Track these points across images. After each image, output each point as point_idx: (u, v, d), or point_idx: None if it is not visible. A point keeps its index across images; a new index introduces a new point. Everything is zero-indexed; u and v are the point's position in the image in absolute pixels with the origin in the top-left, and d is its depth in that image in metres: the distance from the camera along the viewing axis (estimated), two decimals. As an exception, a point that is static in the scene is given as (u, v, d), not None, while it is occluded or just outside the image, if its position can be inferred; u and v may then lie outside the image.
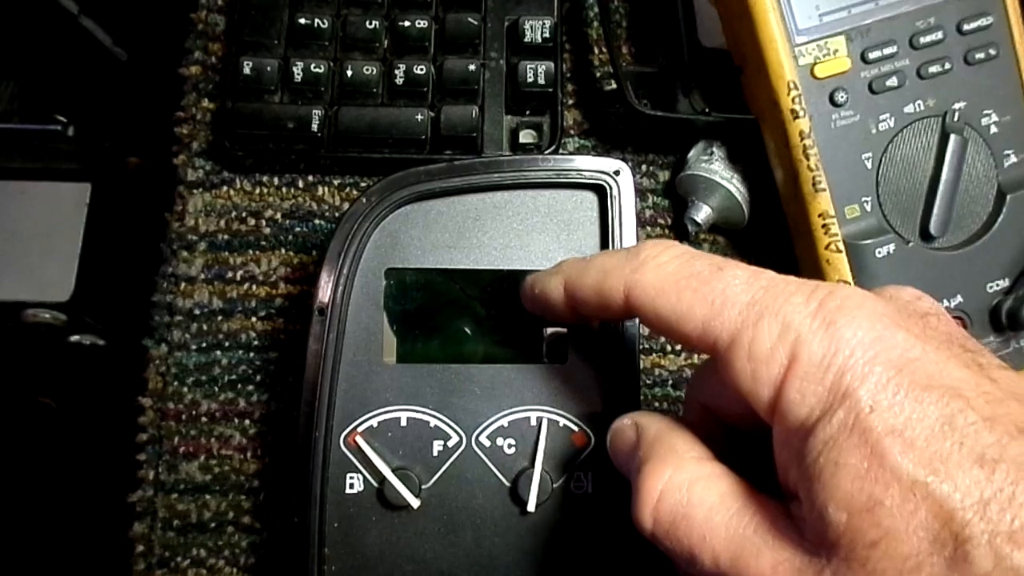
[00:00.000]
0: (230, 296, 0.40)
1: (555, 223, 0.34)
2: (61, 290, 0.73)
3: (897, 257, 0.36)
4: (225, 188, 0.42)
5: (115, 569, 0.40)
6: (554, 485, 0.32)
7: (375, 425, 0.32)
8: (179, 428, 0.39)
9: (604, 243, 0.34)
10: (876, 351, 0.21)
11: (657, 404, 0.40)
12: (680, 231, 0.42)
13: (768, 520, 0.23)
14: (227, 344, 0.40)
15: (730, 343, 0.23)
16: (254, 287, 0.40)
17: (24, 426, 0.99)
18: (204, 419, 0.39)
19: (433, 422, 0.32)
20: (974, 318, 0.36)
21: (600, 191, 0.34)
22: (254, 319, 0.40)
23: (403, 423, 0.32)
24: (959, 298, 0.36)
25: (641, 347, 0.40)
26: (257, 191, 0.42)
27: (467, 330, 0.34)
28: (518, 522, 0.32)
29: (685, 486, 0.24)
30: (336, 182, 0.42)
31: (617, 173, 0.34)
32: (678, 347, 0.41)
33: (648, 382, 0.40)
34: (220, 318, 0.40)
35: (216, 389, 0.39)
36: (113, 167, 0.79)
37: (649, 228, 0.42)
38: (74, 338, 0.83)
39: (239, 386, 0.39)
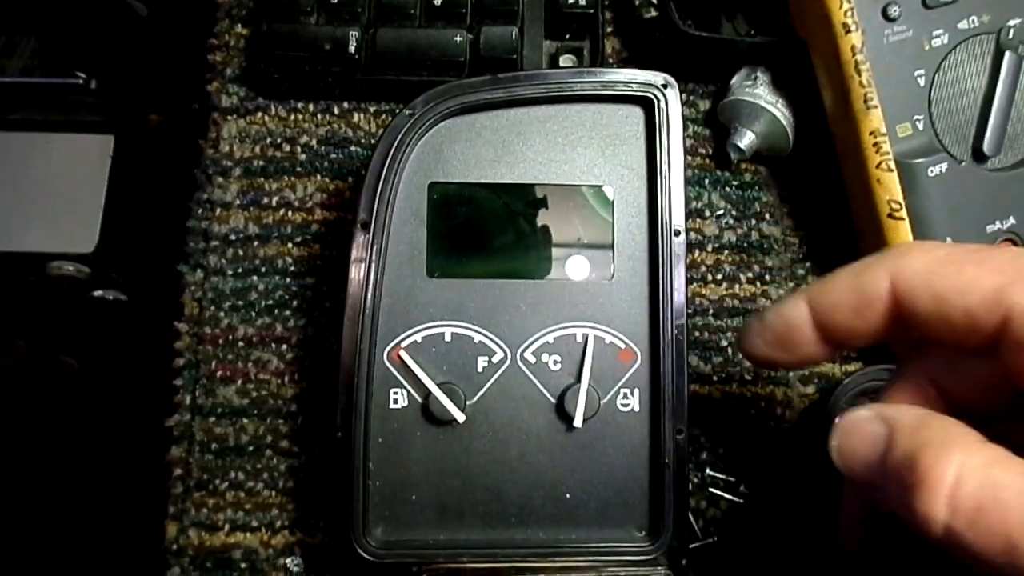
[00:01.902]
0: (266, 222, 0.40)
1: (600, 138, 0.33)
2: (85, 241, 0.73)
3: (949, 177, 0.35)
4: (260, 114, 0.41)
5: (152, 497, 0.39)
6: (601, 401, 0.32)
7: (419, 340, 0.32)
8: (216, 353, 0.38)
9: (651, 159, 0.33)
10: None
11: (698, 333, 0.39)
12: (721, 161, 0.41)
13: None
14: (263, 269, 0.39)
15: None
16: (290, 213, 0.40)
17: (46, 385, 1.00)
18: (241, 344, 0.38)
19: (477, 338, 0.32)
20: (1026, 240, 0.36)
21: (647, 105, 0.33)
22: (290, 244, 0.40)
23: (447, 339, 0.32)
24: (1012, 220, 0.35)
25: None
26: (292, 117, 0.41)
27: (511, 245, 0.33)
28: (564, 438, 0.32)
29: (983, 468, 0.21)
30: (372, 108, 0.41)
31: (665, 86, 0.33)
32: (719, 276, 0.40)
33: (689, 311, 0.40)
34: (256, 243, 0.39)
35: (253, 314, 0.39)
36: (136, 120, 0.78)
37: (690, 157, 0.42)
38: (97, 293, 0.83)
39: (276, 311, 0.39)
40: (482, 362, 0.32)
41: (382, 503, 0.31)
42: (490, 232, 0.33)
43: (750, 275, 0.40)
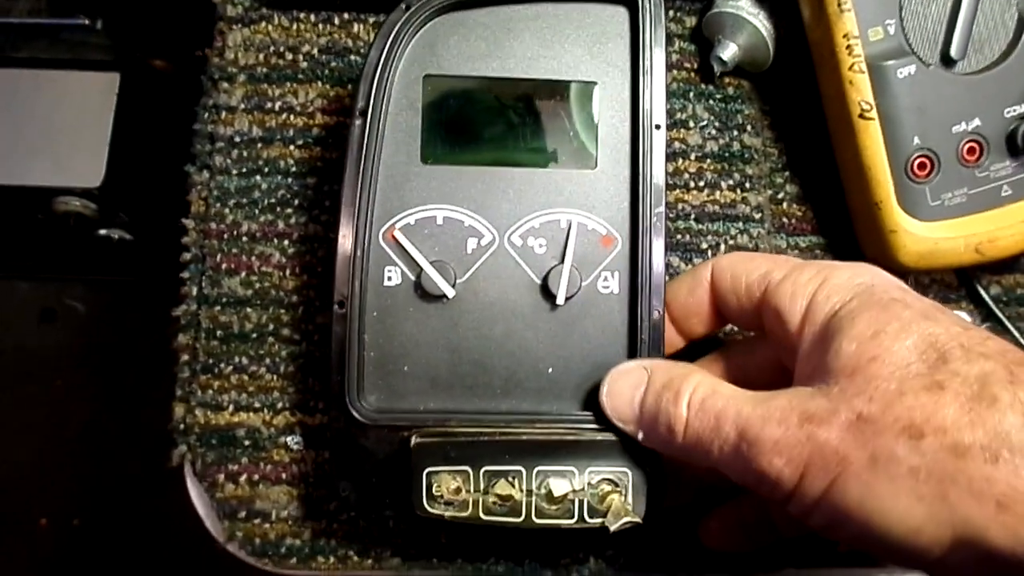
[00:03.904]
0: (269, 125, 0.42)
1: (588, 36, 0.35)
2: (92, 176, 0.75)
3: (918, 79, 0.37)
4: (263, 24, 0.43)
5: (160, 386, 0.42)
6: (583, 282, 0.34)
7: (412, 222, 0.34)
8: (221, 247, 0.40)
9: (635, 56, 0.35)
10: (885, 276, 0.30)
11: (680, 236, 0.41)
12: (706, 74, 0.43)
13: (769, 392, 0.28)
14: (267, 170, 0.41)
15: (782, 278, 0.31)
16: (292, 117, 0.42)
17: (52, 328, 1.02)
18: (245, 239, 0.40)
19: (467, 221, 0.34)
20: (991, 142, 0.38)
21: (631, 5, 0.35)
22: (292, 147, 0.41)
23: (439, 221, 0.34)
24: (977, 121, 0.37)
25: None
26: (294, 27, 0.43)
27: (501, 135, 0.35)
28: (547, 316, 0.34)
29: (710, 381, 0.30)
30: (371, 19, 0.43)
31: None
32: (701, 183, 0.42)
33: (672, 215, 0.42)
34: (260, 145, 0.41)
35: (256, 211, 0.41)
36: (141, 60, 0.80)
37: (676, 71, 0.44)
38: (103, 232, 0.85)
39: (278, 209, 0.41)
40: (471, 244, 0.34)
41: (376, 373, 0.33)
42: (481, 123, 0.35)
43: (731, 182, 0.42)
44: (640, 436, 0.31)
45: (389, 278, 0.34)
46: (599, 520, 0.31)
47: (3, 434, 1.00)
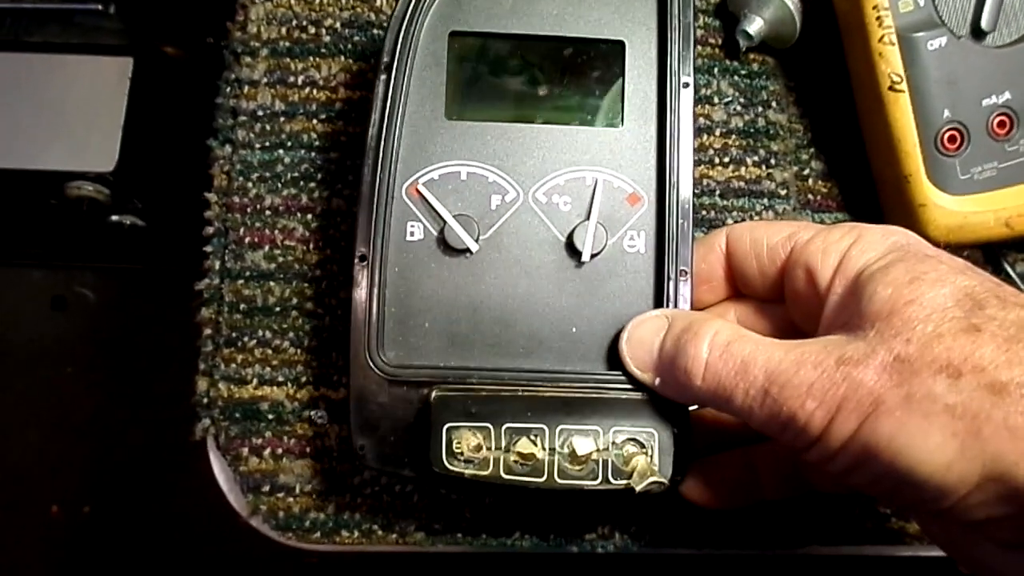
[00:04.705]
0: (292, 99, 0.41)
1: None
2: (105, 160, 0.75)
3: (948, 51, 0.37)
4: (286, -2, 0.43)
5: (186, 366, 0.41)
6: (608, 240, 0.33)
7: (436, 178, 0.34)
8: (244, 220, 0.40)
9: (662, 15, 0.34)
10: (918, 237, 0.30)
11: (705, 212, 0.41)
12: (731, 50, 0.43)
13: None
14: (289, 144, 0.41)
15: (811, 237, 0.31)
16: (315, 91, 0.42)
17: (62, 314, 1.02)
18: (268, 212, 0.40)
19: (492, 177, 0.34)
20: (1021, 116, 0.37)
21: None
22: (315, 121, 0.41)
23: (463, 177, 0.34)
24: (1007, 95, 0.37)
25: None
26: (317, 1, 0.43)
27: (526, 92, 0.35)
28: (572, 274, 0.33)
29: (733, 327, 0.29)
30: (394, -7, 0.43)
31: None
32: (726, 159, 0.42)
33: (697, 191, 0.41)
34: (282, 119, 0.41)
35: (279, 185, 0.41)
36: (154, 45, 0.80)
37: (701, 47, 0.43)
38: (115, 218, 0.85)
39: (301, 183, 0.41)
40: (495, 200, 0.34)
41: (396, 329, 0.33)
42: (507, 80, 0.35)
43: (756, 159, 0.42)
44: (657, 382, 0.31)
45: (412, 233, 0.33)
46: (624, 481, 0.31)
47: (14, 421, 1.00)
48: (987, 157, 0.37)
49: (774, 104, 0.43)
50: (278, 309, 0.39)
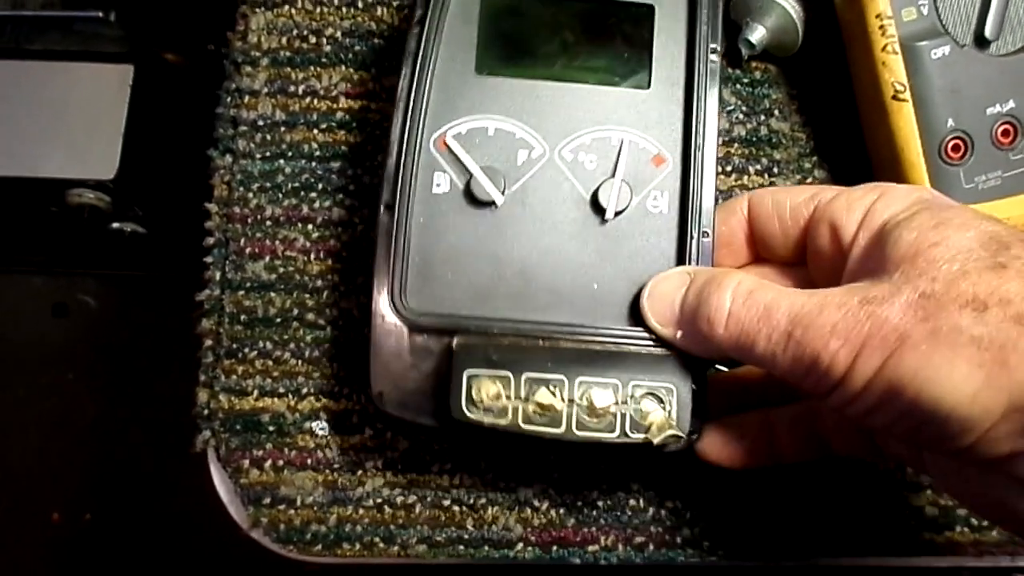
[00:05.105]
0: (292, 109, 0.41)
1: None
2: (106, 168, 0.75)
3: (952, 60, 0.36)
4: (286, 7, 0.42)
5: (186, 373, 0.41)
6: (633, 198, 0.33)
7: (463, 132, 0.34)
8: (245, 231, 0.40)
9: None
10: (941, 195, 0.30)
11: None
12: (733, 58, 0.43)
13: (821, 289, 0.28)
14: (290, 154, 0.41)
15: (834, 196, 0.31)
16: (315, 101, 0.41)
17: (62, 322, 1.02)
18: (269, 223, 0.40)
19: (519, 133, 0.34)
20: (1025, 124, 0.37)
21: None
22: (316, 131, 0.41)
23: (490, 132, 0.34)
24: (1011, 103, 0.37)
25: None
26: (318, 10, 0.42)
27: (556, 51, 0.35)
28: (596, 230, 0.33)
29: (753, 278, 0.29)
30: (395, 3, 0.43)
31: None
32: (729, 168, 0.42)
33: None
34: (283, 129, 0.41)
35: (280, 195, 0.40)
36: (155, 53, 0.80)
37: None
38: (115, 225, 0.85)
39: (302, 193, 0.40)
40: (522, 155, 0.34)
41: (419, 278, 0.33)
42: (537, 38, 0.35)
43: (759, 167, 0.42)
44: (679, 335, 0.31)
45: (438, 184, 0.33)
46: (641, 435, 0.30)
47: (15, 428, 1.00)
48: (991, 166, 0.37)
49: (777, 112, 0.43)
50: (279, 320, 0.39)
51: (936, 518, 0.38)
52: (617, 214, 0.33)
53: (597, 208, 0.33)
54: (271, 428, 0.38)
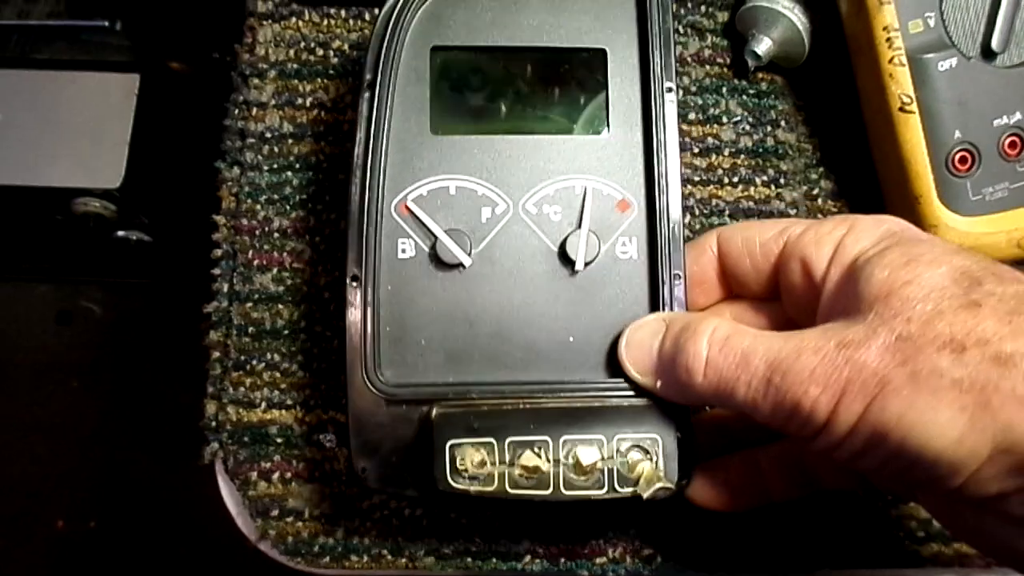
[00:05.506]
0: (300, 121, 0.41)
1: (594, 2, 0.34)
2: (112, 177, 0.75)
3: (958, 72, 0.36)
4: (294, 20, 0.43)
5: (192, 382, 0.41)
6: (601, 247, 0.33)
7: (425, 194, 0.33)
8: (252, 243, 0.40)
9: (642, 21, 0.34)
10: (910, 224, 0.30)
11: (713, 232, 0.41)
12: (739, 69, 0.43)
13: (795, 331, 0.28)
14: (297, 166, 0.41)
15: (803, 231, 0.31)
16: (323, 113, 0.42)
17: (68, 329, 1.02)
18: (276, 235, 0.40)
19: (481, 190, 0.33)
20: (1032, 136, 0.37)
21: None
22: (323, 143, 0.41)
23: (452, 191, 0.33)
24: (1018, 115, 0.37)
25: (699, 178, 0.42)
26: (325, 23, 0.43)
27: (511, 104, 0.35)
28: (566, 283, 0.33)
29: (730, 323, 0.29)
30: (402, 15, 0.43)
31: None
32: (735, 179, 0.42)
33: (705, 211, 0.41)
34: (291, 141, 0.41)
35: (288, 207, 0.40)
36: (160, 62, 0.80)
37: (708, 66, 0.43)
38: (121, 233, 0.85)
39: (309, 204, 0.41)
40: (486, 213, 0.33)
41: (392, 347, 0.33)
42: (490, 92, 0.35)
43: (765, 178, 0.42)
44: (659, 385, 0.31)
45: (403, 250, 0.33)
46: (630, 489, 0.30)
47: (19, 435, 1.00)
48: (998, 178, 0.37)
49: (783, 123, 0.43)
50: (287, 332, 0.39)
51: (943, 529, 0.38)
52: (587, 265, 0.33)
53: (566, 260, 0.33)
54: (279, 440, 0.38)
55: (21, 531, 0.98)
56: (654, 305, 0.33)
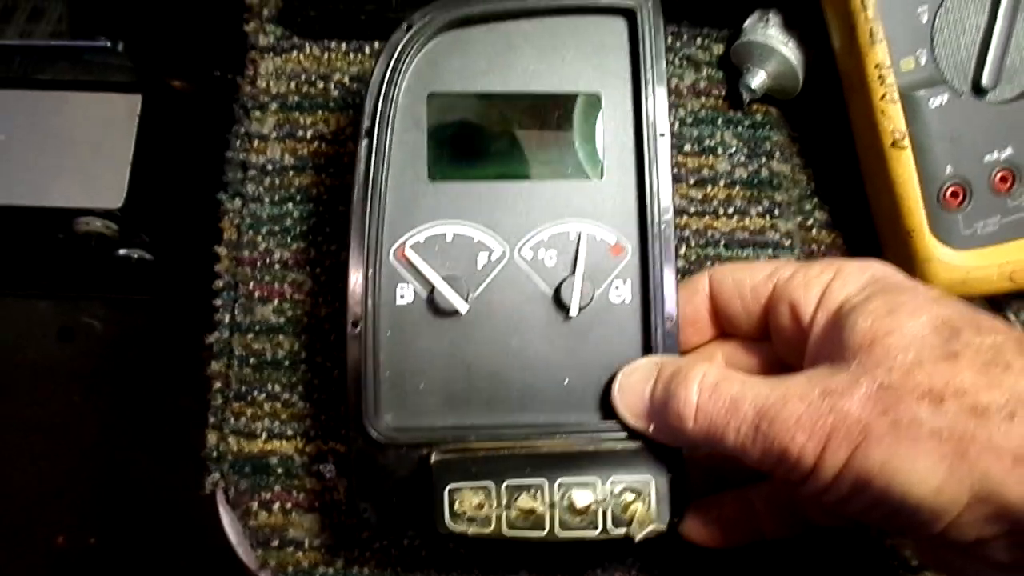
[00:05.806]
0: (301, 153, 0.42)
1: (588, 48, 0.35)
2: (114, 196, 0.76)
3: (950, 108, 0.37)
4: (295, 53, 0.43)
5: (193, 410, 0.42)
6: (595, 292, 0.34)
7: (422, 240, 0.34)
8: (254, 274, 0.40)
9: (635, 67, 0.34)
10: (895, 270, 0.31)
11: (710, 263, 0.42)
12: (734, 101, 0.44)
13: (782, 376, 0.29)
14: (299, 198, 0.41)
15: (792, 274, 0.31)
16: (324, 145, 0.42)
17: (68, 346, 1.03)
18: (278, 266, 0.41)
19: (477, 236, 0.34)
20: (1022, 171, 0.37)
21: (630, 15, 0.34)
22: (324, 175, 0.42)
23: (448, 238, 0.34)
24: (1009, 150, 0.37)
25: (695, 209, 0.42)
26: (325, 56, 0.43)
27: (507, 150, 0.35)
28: (561, 327, 0.34)
29: (719, 368, 0.30)
30: (402, 48, 0.43)
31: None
32: (731, 210, 0.42)
33: (701, 242, 0.42)
34: (292, 173, 0.42)
35: (289, 239, 0.41)
36: (162, 82, 0.80)
37: (704, 98, 0.44)
38: (122, 252, 0.85)
39: (310, 236, 0.41)
40: (482, 259, 0.34)
41: (392, 392, 0.33)
42: (487, 138, 0.35)
43: (760, 209, 0.42)
44: (651, 429, 0.31)
45: (402, 296, 0.34)
46: (623, 530, 0.31)
47: (20, 451, 1.00)
48: (990, 212, 0.38)
49: (778, 155, 0.43)
50: (288, 363, 0.40)
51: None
52: (581, 309, 0.33)
53: (560, 305, 0.33)
54: (279, 470, 0.39)
55: (21, 547, 0.98)
56: (647, 347, 0.33)
